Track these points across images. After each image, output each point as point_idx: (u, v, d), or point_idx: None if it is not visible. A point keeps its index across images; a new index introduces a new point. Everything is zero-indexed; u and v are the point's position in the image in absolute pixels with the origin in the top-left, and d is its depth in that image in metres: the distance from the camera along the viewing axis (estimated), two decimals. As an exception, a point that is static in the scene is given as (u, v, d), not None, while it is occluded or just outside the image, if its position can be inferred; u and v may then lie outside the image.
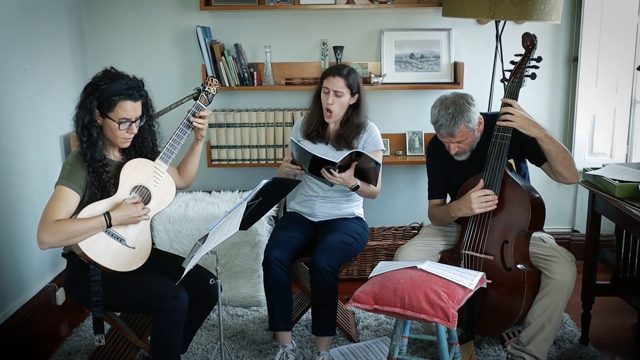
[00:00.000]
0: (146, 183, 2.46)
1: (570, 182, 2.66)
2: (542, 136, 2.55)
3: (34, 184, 3.20)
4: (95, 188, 2.36)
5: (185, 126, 2.56)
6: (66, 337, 3.12)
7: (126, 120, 2.36)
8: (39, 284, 3.27)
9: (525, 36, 2.71)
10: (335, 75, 2.89)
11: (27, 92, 3.18)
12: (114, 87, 2.33)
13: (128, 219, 2.37)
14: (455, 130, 2.60)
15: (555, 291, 2.52)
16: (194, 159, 2.70)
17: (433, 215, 2.89)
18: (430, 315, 2.17)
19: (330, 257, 2.71)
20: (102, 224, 2.32)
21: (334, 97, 2.88)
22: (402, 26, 3.89)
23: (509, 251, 2.59)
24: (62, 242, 2.28)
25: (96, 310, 2.38)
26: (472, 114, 2.62)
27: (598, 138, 3.94)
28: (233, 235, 2.31)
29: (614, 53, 3.82)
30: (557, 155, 2.57)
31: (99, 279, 2.36)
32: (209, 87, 2.66)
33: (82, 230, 2.29)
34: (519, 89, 2.67)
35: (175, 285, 2.37)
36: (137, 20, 3.87)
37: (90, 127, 2.33)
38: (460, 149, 2.68)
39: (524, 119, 2.56)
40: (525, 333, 2.61)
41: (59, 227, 2.25)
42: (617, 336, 3.11)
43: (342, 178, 2.73)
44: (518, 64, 2.71)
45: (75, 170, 2.35)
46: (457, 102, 2.61)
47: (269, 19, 3.88)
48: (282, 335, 2.84)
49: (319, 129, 3.00)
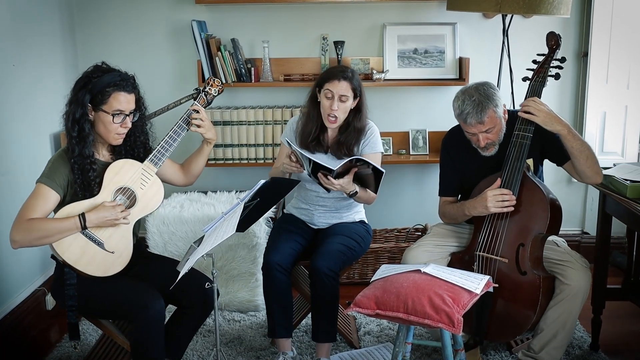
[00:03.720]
0: (132, 185, 2.43)
1: (594, 182, 2.66)
2: (565, 132, 2.54)
3: (22, 184, 3.20)
4: (78, 186, 2.33)
5: (179, 127, 2.54)
6: (57, 343, 3.12)
7: (120, 113, 2.35)
8: (28, 288, 3.27)
9: (550, 35, 2.71)
10: (340, 79, 2.76)
11: (16, 89, 3.18)
12: (107, 78, 2.33)
13: (105, 221, 2.34)
14: (484, 115, 2.57)
15: (570, 297, 2.52)
16: (200, 159, 2.70)
17: (445, 212, 2.88)
18: (435, 320, 2.17)
19: (330, 260, 2.70)
20: (76, 225, 2.30)
21: (339, 102, 2.78)
22: (405, 20, 3.89)
23: (525, 254, 2.58)
24: (33, 242, 2.27)
25: (70, 315, 2.38)
26: (498, 99, 2.61)
27: (609, 136, 3.94)
28: (230, 238, 2.31)
29: (625, 48, 3.82)
30: (581, 154, 2.56)
31: (73, 282, 2.35)
32: (210, 87, 2.65)
33: (54, 230, 2.27)
34: (542, 88, 2.67)
35: (149, 292, 2.35)
36: (130, 14, 3.87)
37: (81, 121, 2.32)
38: (489, 140, 2.65)
39: (546, 114, 2.55)
40: (538, 340, 2.61)
41: (30, 226, 2.24)
42: (628, 342, 3.11)
43: (340, 185, 2.64)
44: (541, 64, 2.70)
45: (57, 168, 2.33)
46: (480, 89, 2.61)
47: (267, 13, 3.88)
48: (282, 342, 2.84)
49: (319, 137, 2.89)
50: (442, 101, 3.92)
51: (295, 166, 2.73)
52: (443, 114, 3.84)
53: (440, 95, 3.95)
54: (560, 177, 4.02)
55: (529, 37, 3.81)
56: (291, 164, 2.74)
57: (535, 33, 3.79)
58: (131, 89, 2.38)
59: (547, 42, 2.72)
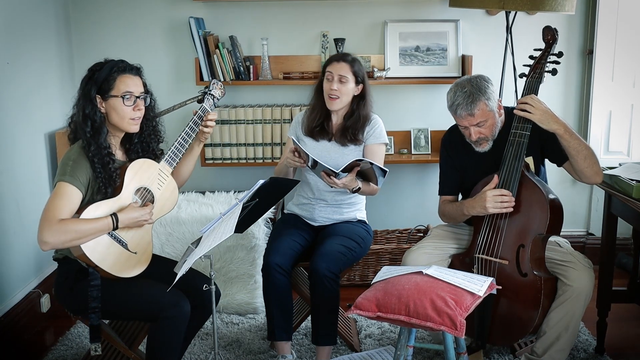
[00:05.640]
0: (150, 185, 2.46)
1: (594, 182, 2.65)
2: (562, 132, 2.54)
3: (17, 184, 3.20)
4: (101, 181, 2.33)
5: (191, 129, 2.57)
6: (51, 346, 3.12)
7: (130, 95, 2.36)
8: (22, 289, 3.27)
9: (546, 30, 2.71)
10: (339, 61, 2.92)
11: (10, 87, 3.17)
12: (109, 65, 2.37)
13: (135, 222, 2.36)
14: (475, 108, 2.58)
15: (573, 299, 2.52)
16: (190, 160, 2.69)
17: (444, 212, 2.88)
18: (437, 323, 2.17)
19: (330, 262, 2.71)
20: (108, 225, 2.30)
21: (338, 83, 2.89)
22: (406, 17, 3.89)
23: (525, 256, 2.58)
24: (65, 244, 2.24)
25: (94, 318, 2.36)
26: (491, 93, 2.62)
27: (614, 135, 3.94)
28: (228, 239, 2.31)
29: (631, 45, 3.82)
30: (578, 153, 2.55)
31: (98, 283, 2.34)
32: (214, 90, 2.68)
33: (89, 231, 2.26)
34: (538, 84, 2.66)
35: (175, 292, 2.35)
36: (126, 11, 3.87)
37: (92, 114, 2.34)
38: (482, 134, 2.66)
39: (543, 112, 2.55)
40: (541, 343, 2.61)
41: (63, 227, 2.22)
42: (634, 345, 3.11)
43: (342, 184, 2.71)
44: (538, 59, 2.70)
45: (78, 165, 2.32)
46: (473, 81, 2.63)
47: (266, 10, 3.88)
48: (281, 345, 2.84)
49: (324, 124, 2.99)
50: (444, 100, 3.83)
51: (299, 161, 2.81)
52: (445, 112, 3.77)
53: (443, 94, 3.89)
54: (565, 177, 4.00)
55: (533, 35, 3.80)
56: (294, 158, 2.81)
57: (539, 30, 3.72)
58: (136, 72, 2.42)
59: (543, 37, 2.71)
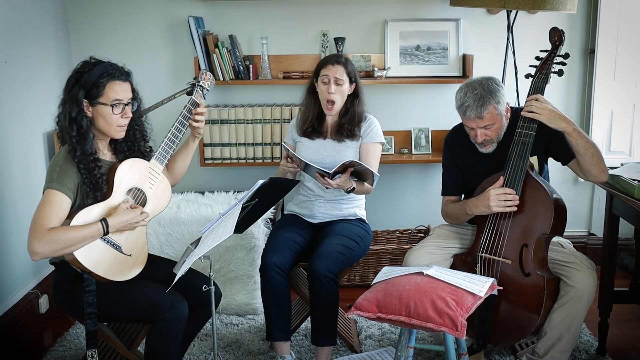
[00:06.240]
0: (141, 185, 2.42)
1: (600, 180, 2.66)
2: (570, 130, 2.54)
3: (15, 185, 3.20)
4: (87, 187, 2.30)
5: (181, 124, 2.52)
6: (50, 347, 3.12)
7: (119, 102, 2.33)
8: (21, 290, 3.27)
9: (553, 31, 2.71)
10: (334, 64, 2.93)
11: (8, 87, 3.17)
12: (98, 69, 2.31)
13: (126, 225, 2.34)
14: (484, 111, 2.59)
15: (575, 300, 2.52)
16: (186, 156, 2.67)
17: (447, 212, 2.88)
18: (438, 324, 2.16)
19: (330, 262, 2.71)
20: (98, 231, 2.28)
21: (335, 85, 2.90)
22: (407, 16, 3.89)
23: (528, 256, 2.58)
24: (56, 252, 2.23)
25: (89, 323, 2.35)
26: (501, 96, 2.62)
27: (616, 135, 3.94)
28: (227, 239, 2.31)
29: (633, 45, 3.82)
30: (587, 151, 2.56)
31: (93, 289, 2.33)
32: (202, 81, 2.63)
33: (78, 238, 2.24)
34: (544, 85, 2.67)
35: (172, 293, 2.35)
36: (125, 10, 3.87)
37: (79, 119, 2.29)
38: (488, 137, 2.67)
39: (550, 112, 2.56)
40: (542, 344, 2.61)
41: (52, 237, 2.19)
42: (636, 346, 3.11)
43: (337, 184, 2.75)
44: (544, 60, 2.70)
45: (65, 171, 2.29)
46: (484, 83, 2.63)
47: (266, 9, 3.88)
48: (280, 346, 2.84)
49: (315, 124, 3.02)
50: (445, 99, 3.92)
51: (292, 166, 2.89)
52: (446, 112, 3.84)
53: (443, 93, 3.94)
54: (567, 176, 4.02)
55: (534, 34, 3.81)
56: (287, 165, 2.89)
57: (540, 29, 3.78)
58: (125, 78, 2.37)
59: (550, 38, 2.72)
